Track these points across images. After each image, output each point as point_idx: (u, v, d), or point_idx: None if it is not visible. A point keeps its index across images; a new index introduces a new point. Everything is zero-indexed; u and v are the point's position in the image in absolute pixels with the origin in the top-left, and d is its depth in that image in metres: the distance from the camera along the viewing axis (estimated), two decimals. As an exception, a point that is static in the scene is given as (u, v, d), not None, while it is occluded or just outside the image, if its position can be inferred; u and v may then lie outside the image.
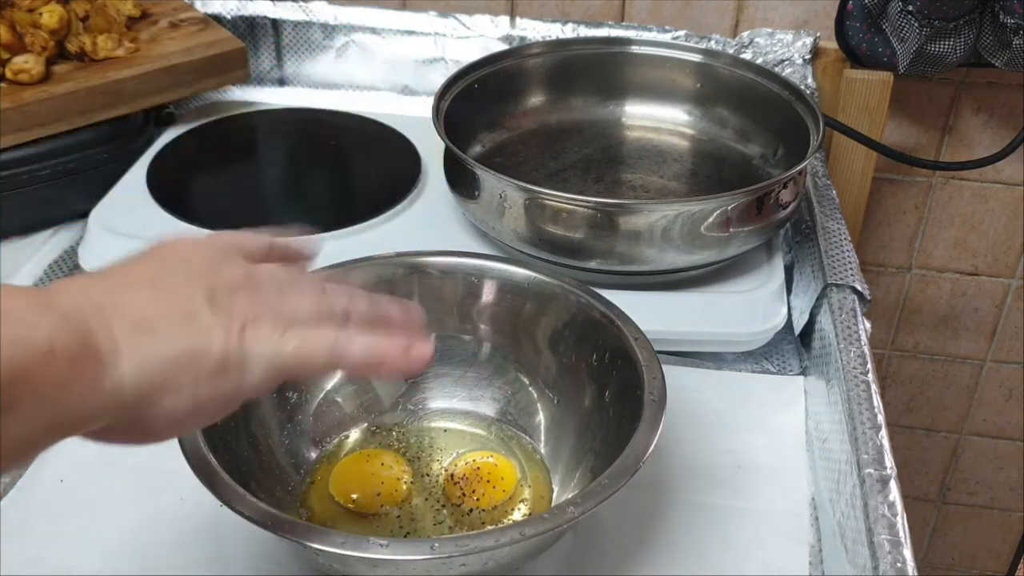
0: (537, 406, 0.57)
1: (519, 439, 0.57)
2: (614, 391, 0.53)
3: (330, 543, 0.41)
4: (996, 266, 1.02)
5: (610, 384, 0.54)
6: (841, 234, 0.71)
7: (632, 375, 0.51)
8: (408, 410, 0.59)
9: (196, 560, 0.51)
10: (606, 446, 0.51)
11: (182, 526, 0.53)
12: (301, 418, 0.55)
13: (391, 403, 0.58)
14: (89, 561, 0.51)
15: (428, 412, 0.59)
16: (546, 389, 0.57)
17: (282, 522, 0.41)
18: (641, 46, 0.82)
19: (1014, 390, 1.10)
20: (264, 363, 0.37)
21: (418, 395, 0.59)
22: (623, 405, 0.51)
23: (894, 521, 0.47)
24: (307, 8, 0.92)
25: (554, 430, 0.56)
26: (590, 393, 0.55)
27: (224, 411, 0.38)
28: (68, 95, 0.74)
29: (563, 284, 0.56)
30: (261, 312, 0.38)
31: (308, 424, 0.56)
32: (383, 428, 0.58)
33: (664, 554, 0.53)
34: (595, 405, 0.54)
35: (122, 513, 0.54)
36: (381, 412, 0.58)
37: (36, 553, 0.51)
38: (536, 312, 0.57)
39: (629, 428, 0.47)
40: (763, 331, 0.66)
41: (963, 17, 0.80)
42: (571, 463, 0.55)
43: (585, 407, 0.55)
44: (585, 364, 0.55)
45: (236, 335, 0.36)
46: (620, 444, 0.47)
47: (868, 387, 0.56)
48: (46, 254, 0.74)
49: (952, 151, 0.96)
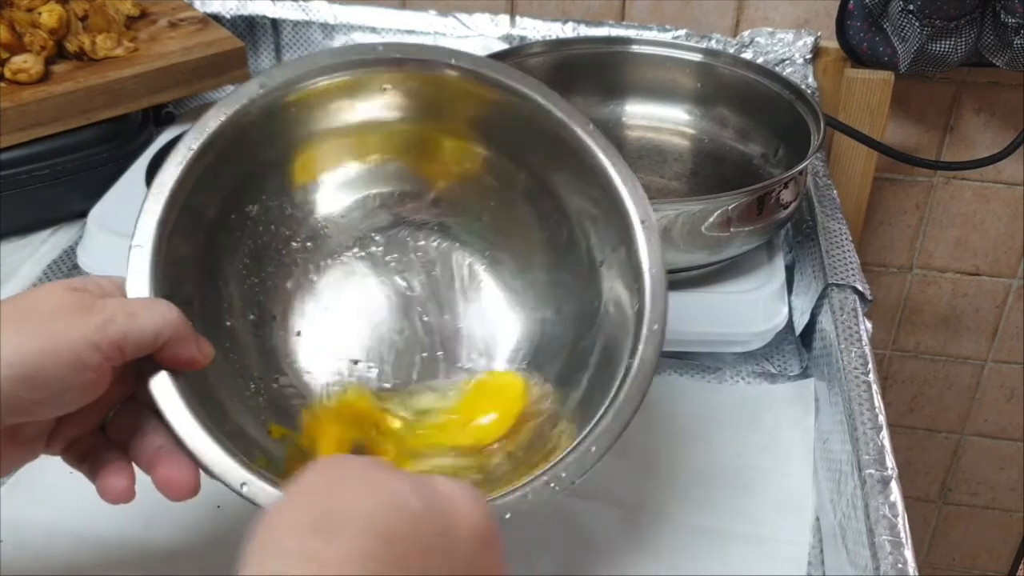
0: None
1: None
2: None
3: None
4: (997, 266, 1.02)
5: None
6: (842, 234, 0.71)
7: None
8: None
9: (196, 560, 0.51)
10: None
11: (182, 526, 0.53)
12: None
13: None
14: (89, 560, 0.51)
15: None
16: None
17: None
18: (641, 45, 0.82)
19: (1015, 390, 1.10)
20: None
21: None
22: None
23: (895, 522, 0.47)
24: (307, 7, 0.92)
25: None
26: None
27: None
28: (67, 95, 0.74)
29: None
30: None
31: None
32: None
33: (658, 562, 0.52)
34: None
35: (122, 513, 0.53)
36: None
37: (36, 552, 0.51)
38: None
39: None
40: (764, 331, 0.66)
41: (964, 16, 0.80)
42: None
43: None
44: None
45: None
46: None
47: (869, 387, 0.56)
48: (45, 254, 0.74)
49: (953, 151, 0.95)
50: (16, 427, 0.40)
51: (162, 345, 0.41)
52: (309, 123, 0.53)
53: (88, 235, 0.71)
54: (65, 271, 0.72)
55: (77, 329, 0.38)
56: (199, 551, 0.51)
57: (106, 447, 0.43)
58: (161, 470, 0.42)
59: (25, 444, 0.41)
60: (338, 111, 0.53)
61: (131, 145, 0.79)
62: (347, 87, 0.52)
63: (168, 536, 0.52)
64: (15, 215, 0.74)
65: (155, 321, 0.40)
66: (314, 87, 0.51)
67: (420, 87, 0.53)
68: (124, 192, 0.75)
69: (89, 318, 0.38)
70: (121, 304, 0.40)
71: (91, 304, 0.39)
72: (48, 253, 0.74)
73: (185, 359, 0.42)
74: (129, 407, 0.44)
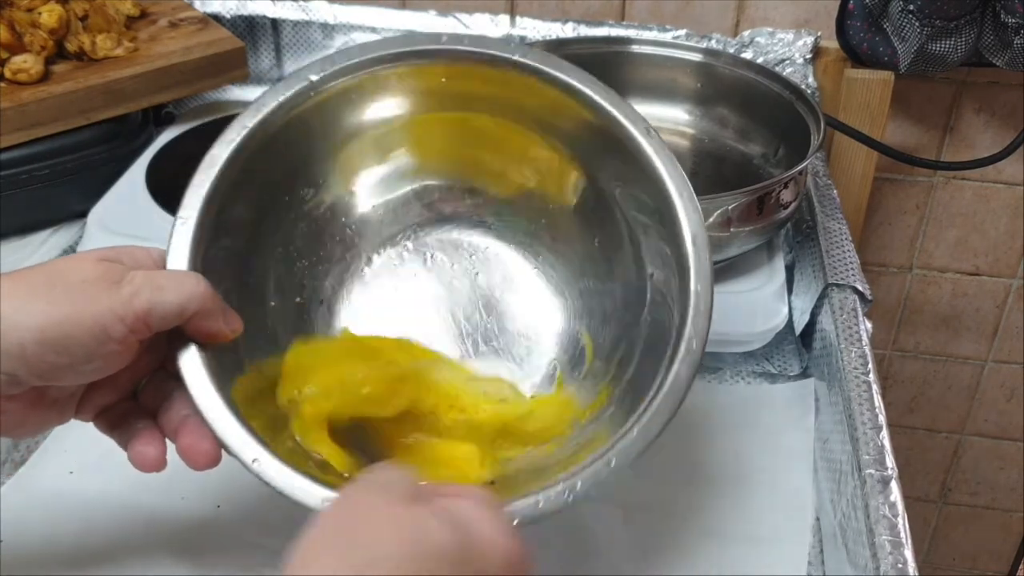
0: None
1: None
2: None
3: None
4: (997, 266, 1.02)
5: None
6: (842, 234, 0.71)
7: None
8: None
9: (196, 560, 0.51)
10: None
11: (182, 526, 0.53)
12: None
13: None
14: (89, 561, 0.51)
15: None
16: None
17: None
18: (641, 45, 0.82)
19: (1015, 390, 1.10)
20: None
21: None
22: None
23: (895, 522, 0.47)
24: (306, 7, 0.92)
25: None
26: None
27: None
28: (67, 95, 0.74)
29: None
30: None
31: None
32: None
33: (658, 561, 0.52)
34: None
35: (122, 513, 0.53)
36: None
37: (36, 552, 0.51)
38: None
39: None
40: (764, 331, 0.66)
41: (964, 16, 0.80)
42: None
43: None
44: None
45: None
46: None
47: (869, 387, 0.56)
48: (45, 254, 0.74)
49: (953, 151, 0.95)
50: (41, 390, 0.40)
51: (189, 318, 0.41)
52: (365, 112, 0.52)
53: (88, 235, 0.72)
54: (65, 271, 0.72)
55: (103, 301, 0.38)
56: (199, 551, 0.51)
57: (138, 415, 0.44)
58: (184, 438, 0.42)
59: (52, 407, 0.42)
60: (394, 101, 0.52)
61: (131, 145, 0.79)
62: (406, 77, 0.51)
63: (168, 536, 0.52)
64: (15, 215, 0.74)
65: (181, 295, 0.40)
66: (372, 76, 0.50)
67: (479, 82, 0.51)
68: (124, 192, 0.75)
69: (116, 290, 0.39)
70: (149, 277, 0.40)
71: (120, 276, 0.40)
72: (48, 253, 0.74)
73: (211, 332, 0.42)
74: (160, 375, 0.44)
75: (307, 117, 0.49)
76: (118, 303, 0.39)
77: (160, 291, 0.40)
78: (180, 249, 0.44)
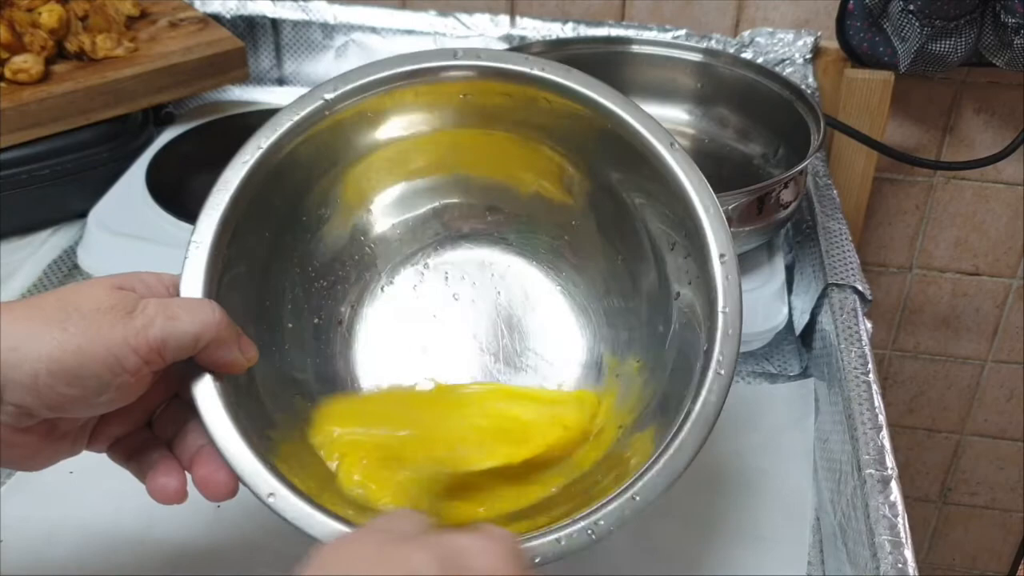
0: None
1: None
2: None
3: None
4: (997, 266, 1.02)
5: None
6: (842, 234, 0.71)
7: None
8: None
9: (196, 561, 0.51)
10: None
11: (182, 526, 0.53)
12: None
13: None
14: (89, 561, 0.51)
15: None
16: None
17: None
18: (641, 45, 0.82)
19: (1015, 390, 1.10)
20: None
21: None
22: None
23: (895, 522, 0.47)
24: (306, 7, 0.92)
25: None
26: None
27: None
28: (67, 95, 0.74)
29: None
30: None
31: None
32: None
33: (660, 557, 0.52)
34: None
35: (122, 513, 0.53)
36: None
37: (36, 552, 0.51)
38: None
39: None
40: (764, 331, 0.66)
41: (964, 17, 0.80)
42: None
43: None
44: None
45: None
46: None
47: (869, 387, 0.56)
48: (45, 254, 0.74)
49: (953, 151, 0.95)
50: (52, 422, 0.40)
51: (203, 348, 0.40)
52: (382, 130, 0.51)
53: (88, 235, 0.72)
54: (65, 271, 0.72)
55: (116, 332, 0.37)
56: (199, 552, 0.51)
57: (153, 445, 0.43)
58: (201, 469, 0.41)
59: (63, 439, 0.41)
60: (411, 118, 0.51)
61: (131, 145, 0.79)
62: (423, 93, 0.50)
63: (168, 537, 0.52)
64: (15, 215, 0.74)
65: (195, 325, 0.39)
66: (388, 93, 0.49)
67: (499, 97, 0.50)
68: (124, 192, 0.75)
69: (129, 321, 0.38)
70: (162, 306, 0.39)
71: (133, 306, 0.38)
72: (48, 253, 0.74)
73: (226, 362, 0.41)
74: (174, 405, 0.43)
75: (322, 136, 0.48)
76: (132, 334, 0.38)
77: (173, 321, 0.39)
78: (194, 275, 0.43)
